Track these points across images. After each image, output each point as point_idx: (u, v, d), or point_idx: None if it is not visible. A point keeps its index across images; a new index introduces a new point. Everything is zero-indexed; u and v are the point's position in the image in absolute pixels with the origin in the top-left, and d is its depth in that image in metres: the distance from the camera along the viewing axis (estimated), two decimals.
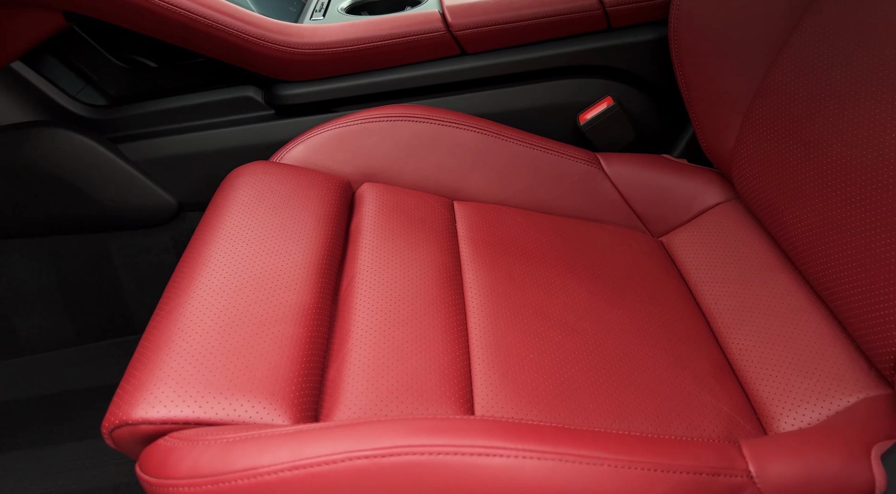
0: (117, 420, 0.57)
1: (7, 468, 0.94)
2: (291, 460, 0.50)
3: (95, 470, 0.93)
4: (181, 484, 0.51)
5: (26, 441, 0.99)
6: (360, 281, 0.77)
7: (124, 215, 1.07)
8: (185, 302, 0.67)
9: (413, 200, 0.93)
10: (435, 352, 0.69)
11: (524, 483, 0.51)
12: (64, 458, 0.96)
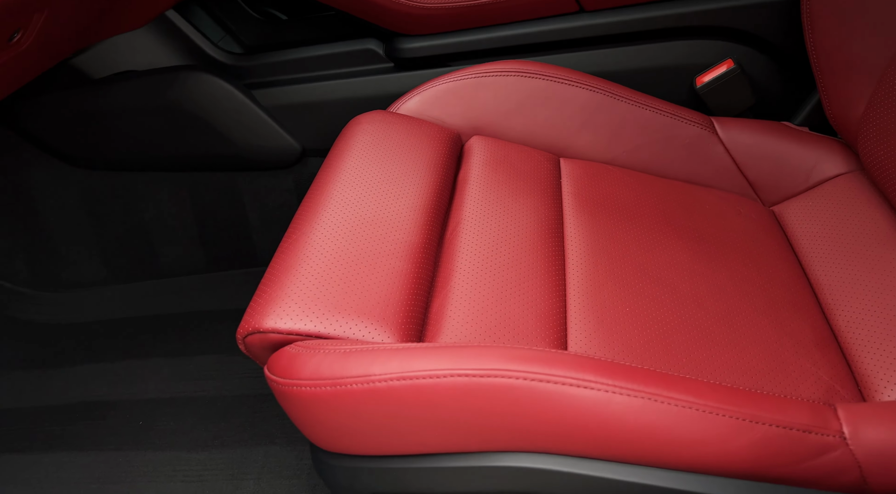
0: (250, 328, 0.65)
1: (150, 370, 1.08)
2: (400, 371, 0.56)
3: (220, 380, 1.06)
4: (304, 384, 0.58)
5: (163, 350, 1.13)
6: (465, 227, 0.81)
7: (254, 156, 1.16)
8: (309, 233, 0.74)
9: (520, 154, 0.96)
10: (532, 296, 0.73)
11: (610, 417, 0.54)
12: (193, 368, 1.08)
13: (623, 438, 0.55)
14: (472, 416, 0.56)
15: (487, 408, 0.55)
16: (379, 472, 0.63)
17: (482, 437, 0.57)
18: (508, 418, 0.56)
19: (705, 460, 0.55)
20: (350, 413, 0.59)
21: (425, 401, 0.56)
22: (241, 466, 0.92)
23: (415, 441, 0.59)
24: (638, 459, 0.56)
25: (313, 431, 0.63)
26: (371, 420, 0.59)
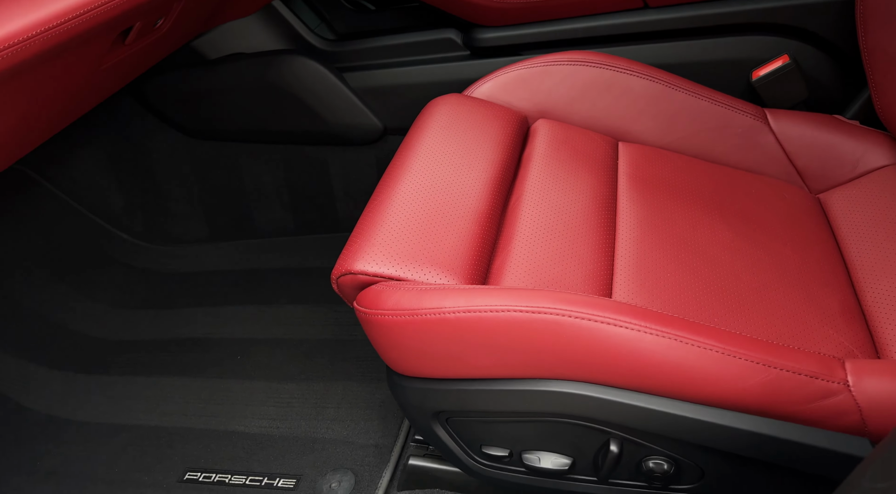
0: (343, 270, 0.79)
1: (247, 314, 1.25)
2: (466, 305, 0.68)
3: (306, 327, 1.21)
4: (387, 313, 0.71)
5: (258, 299, 1.29)
6: (526, 198, 0.92)
7: (342, 133, 1.31)
8: (392, 196, 0.87)
9: (581, 137, 1.06)
10: (584, 258, 0.83)
11: (640, 353, 0.65)
12: (284, 315, 1.24)
13: (650, 372, 0.65)
14: (524, 346, 0.68)
15: (537, 340, 0.67)
16: (443, 393, 0.75)
17: (531, 365, 0.69)
18: (553, 349, 0.67)
19: (721, 395, 0.65)
20: (423, 340, 0.71)
21: (485, 331, 0.68)
22: (324, 397, 1.06)
23: (475, 366, 0.71)
24: (662, 391, 0.66)
25: (391, 355, 0.76)
26: (440, 347, 0.71)
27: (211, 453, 1.00)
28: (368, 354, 1.13)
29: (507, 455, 0.78)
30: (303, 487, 0.93)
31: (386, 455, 0.95)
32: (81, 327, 1.26)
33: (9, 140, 0.78)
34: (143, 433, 1.05)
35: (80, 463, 1.01)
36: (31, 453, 1.03)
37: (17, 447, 1.04)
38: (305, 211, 1.42)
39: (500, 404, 0.72)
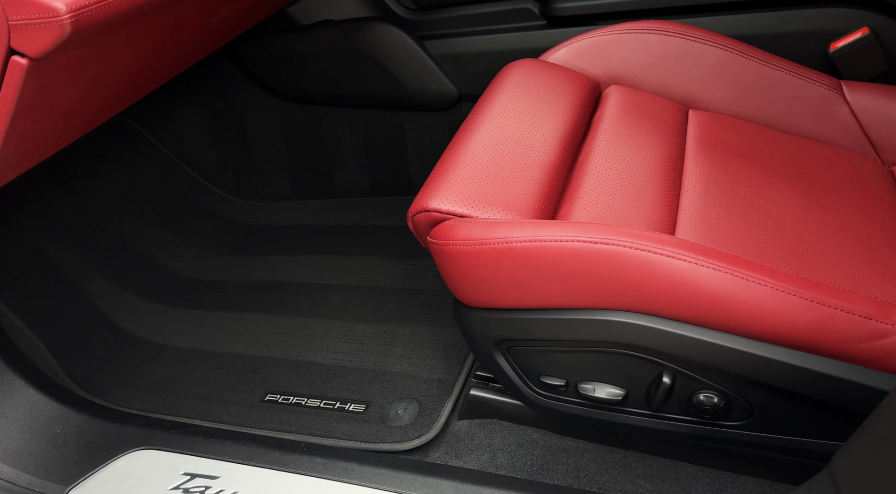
0: (420, 207, 0.85)
1: (324, 263, 1.35)
2: (532, 236, 0.74)
3: (377, 276, 1.29)
4: (458, 243, 0.78)
5: (333, 250, 1.38)
6: (595, 154, 0.97)
7: (419, 98, 1.38)
8: (468, 143, 0.93)
9: (652, 102, 1.09)
10: (647, 210, 0.87)
11: (696, 285, 0.69)
12: (357, 265, 1.33)
13: (705, 304, 0.69)
14: (585, 276, 0.73)
15: (598, 270, 0.72)
16: (506, 322, 0.81)
17: (590, 295, 0.74)
18: (613, 280, 0.72)
19: (772, 330, 0.68)
20: (490, 269, 0.77)
21: (549, 261, 0.73)
22: (392, 336, 1.14)
23: (537, 295, 0.77)
24: (715, 324, 0.70)
25: (459, 286, 0.82)
26: (505, 276, 0.77)
27: (289, 379, 1.09)
28: (435, 302, 1.20)
29: (564, 385, 0.83)
30: (371, 412, 1.01)
31: (448, 388, 1.02)
32: (178, 267, 1.38)
33: (125, 86, 0.88)
34: (229, 359, 1.15)
35: (173, 381, 1.12)
36: (132, 370, 1.15)
37: (121, 364, 1.16)
38: (380, 173, 1.50)
39: (560, 332, 0.78)
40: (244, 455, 0.86)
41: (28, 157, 0.78)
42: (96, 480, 0.85)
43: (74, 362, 1.14)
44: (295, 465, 0.83)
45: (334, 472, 0.82)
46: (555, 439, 0.93)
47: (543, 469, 0.89)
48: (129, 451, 0.89)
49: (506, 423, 0.96)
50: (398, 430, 0.97)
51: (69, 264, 1.28)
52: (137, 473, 0.85)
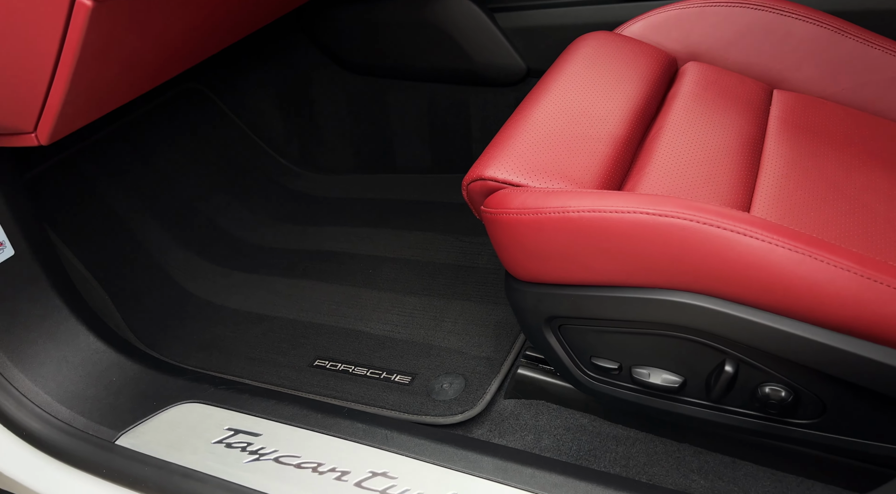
0: (475, 175, 0.83)
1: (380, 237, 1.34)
2: (591, 206, 0.70)
3: (432, 251, 1.27)
4: (512, 211, 0.74)
5: (391, 224, 1.38)
6: (666, 130, 0.91)
7: (486, 72, 1.35)
8: (532, 112, 0.89)
9: (732, 80, 1.02)
10: (721, 191, 0.81)
11: (770, 265, 0.63)
12: (413, 240, 1.32)
13: (778, 287, 0.63)
14: (646, 252, 0.68)
15: (660, 246, 0.67)
16: (558, 298, 0.77)
17: (650, 272, 0.69)
18: (677, 256, 0.67)
19: (854, 321, 0.62)
20: (545, 240, 0.74)
21: (608, 233, 0.69)
22: (443, 311, 1.12)
23: (592, 271, 0.73)
24: (788, 310, 0.64)
25: (512, 258, 0.79)
26: (561, 248, 0.73)
27: (338, 346, 1.09)
28: (488, 280, 1.17)
29: (617, 369, 0.79)
30: (417, 384, 0.99)
31: (496, 367, 0.99)
32: (240, 233, 1.41)
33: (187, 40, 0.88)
34: (282, 324, 1.16)
35: (228, 341, 1.14)
36: (189, 328, 1.18)
37: (181, 322, 1.19)
38: (442, 149, 1.48)
39: (615, 311, 0.73)
40: (287, 415, 0.86)
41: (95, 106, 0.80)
42: (145, 428, 0.87)
43: (137, 316, 1.18)
44: (336, 429, 0.83)
45: (374, 439, 0.80)
46: (604, 425, 0.88)
47: (590, 456, 0.85)
48: (179, 403, 0.90)
49: (553, 406, 0.92)
50: (442, 404, 0.95)
51: (138, 224, 1.32)
52: (184, 424, 0.87)
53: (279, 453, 0.81)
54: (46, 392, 0.89)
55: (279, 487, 0.77)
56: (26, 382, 0.88)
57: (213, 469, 0.80)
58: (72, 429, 0.87)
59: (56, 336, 0.93)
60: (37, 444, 0.86)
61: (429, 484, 0.74)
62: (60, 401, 0.89)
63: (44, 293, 0.92)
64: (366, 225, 1.39)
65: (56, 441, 0.86)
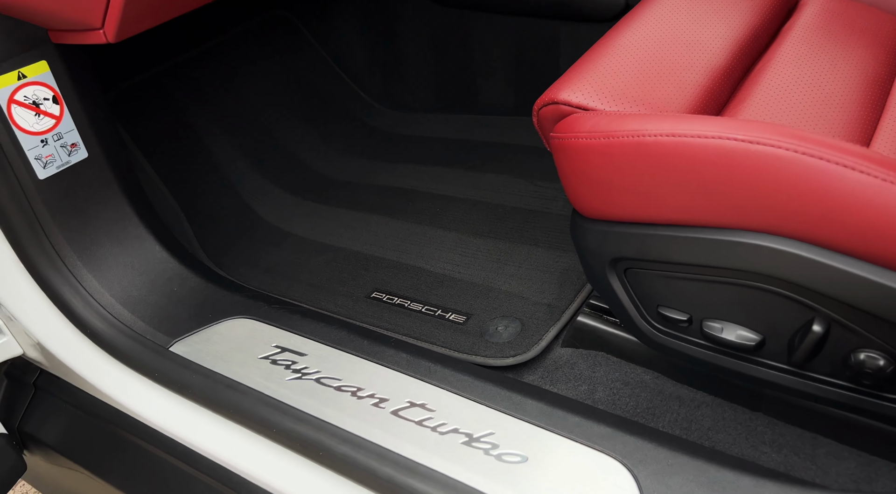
0: (547, 99, 0.75)
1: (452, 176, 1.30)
2: (671, 131, 0.61)
3: (503, 194, 1.21)
4: (582, 135, 0.67)
5: (464, 165, 1.32)
6: (775, 64, 0.79)
7: (581, 5, 1.24)
8: (619, 38, 0.80)
9: (861, 13, 0.88)
10: (833, 130, 0.70)
11: (883, 207, 0.53)
12: (486, 181, 1.26)
13: (891, 234, 0.53)
14: (730, 185, 0.59)
15: (749, 177, 0.58)
16: (626, 237, 0.70)
17: (734, 210, 0.60)
18: (767, 192, 0.57)
19: None
20: (616, 168, 0.66)
21: (689, 160, 0.60)
22: (507, 255, 1.06)
23: (667, 206, 0.64)
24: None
25: (578, 189, 0.72)
26: (633, 178, 0.65)
27: (397, 281, 1.06)
28: (560, 227, 1.10)
29: (686, 321, 0.71)
30: (471, 324, 0.95)
31: (556, 314, 0.93)
32: (314, 163, 1.40)
33: None
34: (345, 254, 1.15)
35: (291, 267, 1.14)
36: (256, 251, 1.19)
37: (249, 245, 1.21)
38: (527, 89, 1.40)
39: (689, 254, 0.65)
40: (334, 338, 0.84)
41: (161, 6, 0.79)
42: (198, 338, 0.88)
43: (207, 234, 1.20)
44: (380, 356, 0.80)
45: (416, 370, 0.77)
46: (667, 384, 0.81)
47: (648, 414, 0.78)
48: (232, 317, 0.91)
49: (613, 358, 0.85)
50: (494, 346, 0.90)
51: (217, 146, 1.34)
52: (234, 338, 0.87)
53: (321, 374, 0.80)
54: (111, 294, 0.92)
55: (316, 406, 0.75)
56: (93, 282, 0.91)
57: (256, 383, 0.80)
58: (130, 332, 0.89)
59: (124, 241, 0.95)
60: (98, 342, 0.89)
61: (466, 420, 0.70)
62: (123, 304, 0.92)
63: (115, 198, 0.94)
64: (439, 164, 1.34)
65: (115, 342, 0.88)
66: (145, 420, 0.86)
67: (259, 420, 0.77)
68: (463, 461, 0.66)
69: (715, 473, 0.60)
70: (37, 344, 0.92)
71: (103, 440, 0.92)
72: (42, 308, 0.90)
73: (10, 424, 1.00)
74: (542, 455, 0.65)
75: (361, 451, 0.69)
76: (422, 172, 1.32)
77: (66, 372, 0.92)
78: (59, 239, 0.89)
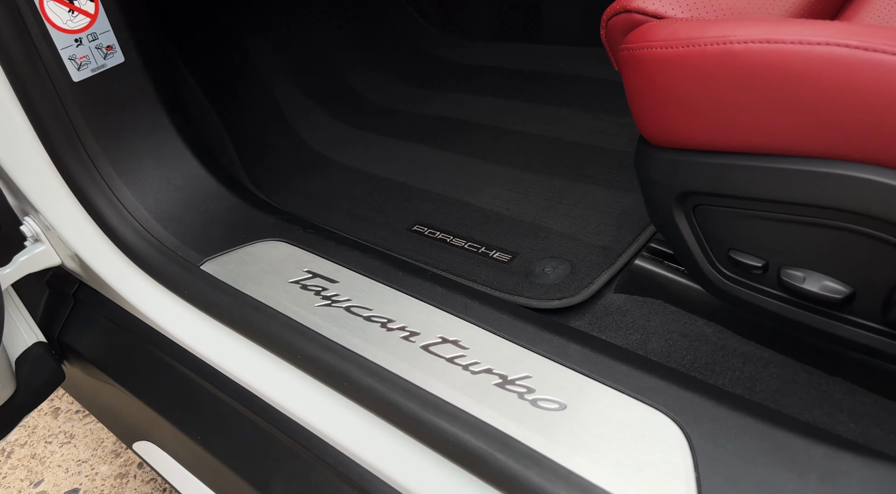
0: (619, 7, 0.65)
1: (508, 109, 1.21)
2: (765, 36, 0.51)
3: (565, 128, 1.12)
4: (657, 44, 0.58)
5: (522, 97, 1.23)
6: None
7: None
8: None
9: None
10: None
11: None
12: (545, 114, 1.16)
13: None
14: (837, 102, 0.49)
15: (860, 94, 0.48)
16: (699, 167, 0.61)
17: (835, 134, 0.50)
18: (882, 113, 0.47)
19: None
20: (694, 82, 0.56)
21: (786, 73, 0.51)
22: (562, 193, 0.98)
23: (752, 128, 0.55)
24: None
25: (647, 109, 0.63)
26: (713, 93, 0.56)
27: (441, 214, 1.00)
28: (623, 165, 1.00)
29: (761, 268, 0.62)
30: (516, 263, 0.88)
31: (611, 257, 0.84)
32: (365, 90, 1.34)
33: None
34: (389, 185, 1.09)
35: (333, 195, 1.09)
36: (298, 177, 1.14)
37: (291, 170, 1.16)
38: (597, 15, 1.28)
39: (772, 189, 0.56)
40: (367, 267, 0.79)
41: None
42: (230, 258, 0.85)
43: (250, 156, 1.16)
44: (413, 288, 0.74)
45: (451, 305, 0.71)
46: (732, 339, 0.72)
47: (706, 369, 0.70)
48: (266, 239, 0.87)
49: (671, 308, 0.77)
50: (540, 288, 0.83)
51: (267, 67, 1.29)
52: (266, 260, 0.83)
53: (351, 303, 0.75)
54: (146, 208, 0.89)
55: (344, 335, 0.70)
56: (128, 195, 0.88)
57: (284, 307, 0.76)
58: (163, 247, 0.86)
59: (161, 155, 0.92)
60: (130, 255, 0.87)
61: (502, 361, 0.64)
62: (157, 219, 0.89)
63: (153, 109, 0.91)
64: (495, 94, 1.25)
65: (147, 256, 0.86)
66: (175, 338, 0.84)
67: (285, 345, 0.73)
68: (494, 403, 0.60)
69: (781, 438, 0.52)
70: (73, 254, 0.91)
71: (135, 355, 0.91)
72: (77, 217, 0.88)
73: (51, 333, 1.01)
74: (583, 404, 0.58)
75: (387, 384, 0.64)
76: (476, 103, 1.24)
77: (100, 284, 0.91)
78: (94, 146, 0.86)
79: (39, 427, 1.40)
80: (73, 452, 1.33)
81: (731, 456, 0.51)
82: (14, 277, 0.90)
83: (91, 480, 1.27)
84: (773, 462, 0.50)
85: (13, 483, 1.29)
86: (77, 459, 1.32)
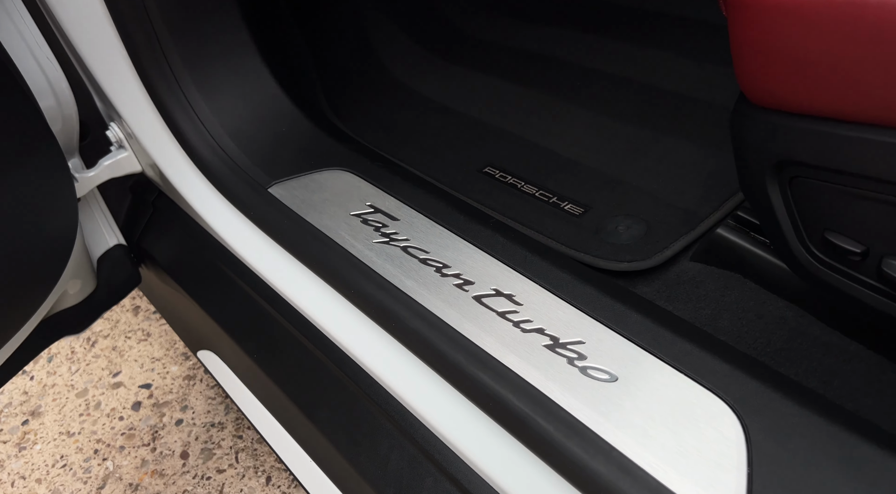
0: None
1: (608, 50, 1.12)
2: None
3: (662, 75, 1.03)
4: None
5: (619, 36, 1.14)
6: None
7: None
8: None
9: None
10: None
11: None
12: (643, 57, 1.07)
13: None
14: None
15: None
16: (803, 134, 0.53)
17: None
18: None
19: None
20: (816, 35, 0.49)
21: None
22: (648, 145, 0.91)
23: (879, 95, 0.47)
24: None
25: (752, 63, 0.55)
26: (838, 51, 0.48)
27: (515, 157, 0.95)
28: (719, 120, 0.92)
29: (860, 254, 0.55)
30: (587, 218, 0.83)
31: (692, 222, 0.78)
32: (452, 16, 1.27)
33: None
34: (465, 121, 1.04)
35: (408, 126, 1.06)
36: (375, 104, 1.12)
37: (368, 97, 1.14)
38: None
39: (882, 165, 0.48)
40: (430, 208, 0.76)
41: None
42: (297, 183, 0.84)
43: (330, 80, 1.15)
44: (474, 235, 0.71)
45: (511, 257, 0.68)
46: (813, 326, 0.66)
47: (780, 356, 0.64)
48: (333, 168, 0.85)
49: (751, 284, 0.71)
50: (609, 247, 0.78)
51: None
52: (331, 189, 0.82)
53: (409, 243, 0.73)
54: (220, 123, 0.89)
55: (398, 275, 0.69)
56: (205, 108, 0.89)
57: (343, 240, 0.75)
58: (234, 166, 0.87)
59: (239, 71, 0.91)
60: (203, 170, 0.88)
61: (555, 322, 0.61)
62: (231, 136, 0.89)
63: (234, 24, 0.89)
64: (589, 31, 1.16)
65: (219, 173, 0.87)
66: (239, 256, 0.85)
67: (339, 277, 0.73)
68: (541, 365, 0.58)
69: (852, 445, 0.47)
70: (152, 163, 0.93)
71: (204, 268, 0.94)
72: (156, 127, 0.90)
73: (131, 238, 1.06)
74: (636, 379, 0.55)
75: (433, 331, 0.63)
76: (567, 39, 1.16)
77: (176, 195, 0.93)
78: (175, 58, 0.86)
79: (121, 322, 1.50)
80: (149, 349, 1.43)
81: (791, 457, 0.47)
82: (98, 180, 0.94)
83: (162, 377, 1.36)
84: (838, 471, 0.45)
85: (95, 370, 1.40)
86: (152, 356, 1.41)
